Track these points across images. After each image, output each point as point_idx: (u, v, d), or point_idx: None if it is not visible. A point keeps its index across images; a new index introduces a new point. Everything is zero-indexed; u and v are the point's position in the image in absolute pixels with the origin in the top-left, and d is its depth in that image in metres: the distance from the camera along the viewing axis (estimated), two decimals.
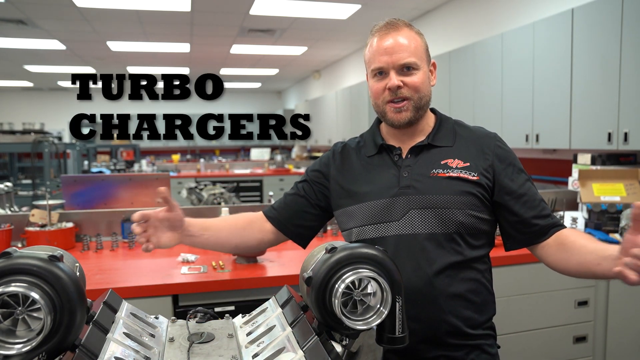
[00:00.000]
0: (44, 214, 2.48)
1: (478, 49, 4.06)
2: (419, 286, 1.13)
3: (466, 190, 1.16)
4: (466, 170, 1.17)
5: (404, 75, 1.18)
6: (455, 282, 1.15)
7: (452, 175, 1.17)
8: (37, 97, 12.15)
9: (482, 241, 1.20)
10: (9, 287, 0.69)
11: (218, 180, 7.22)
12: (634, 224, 0.92)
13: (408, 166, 1.21)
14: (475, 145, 1.22)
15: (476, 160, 1.19)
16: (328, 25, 6.08)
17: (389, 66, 1.18)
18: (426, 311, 1.14)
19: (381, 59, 1.18)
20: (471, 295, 1.17)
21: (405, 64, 1.17)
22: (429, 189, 1.17)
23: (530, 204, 1.18)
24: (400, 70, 1.18)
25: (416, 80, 1.18)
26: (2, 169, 7.43)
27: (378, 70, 1.20)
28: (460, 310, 1.15)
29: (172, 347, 0.87)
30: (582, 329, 2.48)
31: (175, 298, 1.94)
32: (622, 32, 2.75)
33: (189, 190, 4.09)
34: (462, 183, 1.16)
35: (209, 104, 13.58)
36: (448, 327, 1.15)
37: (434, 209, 1.15)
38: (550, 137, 3.34)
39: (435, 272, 1.14)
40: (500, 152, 1.21)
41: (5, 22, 5.58)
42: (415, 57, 1.18)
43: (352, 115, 7.19)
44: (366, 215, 1.21)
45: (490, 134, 1.25)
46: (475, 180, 1.17)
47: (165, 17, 5.50)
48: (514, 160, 1.22)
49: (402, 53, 1.17)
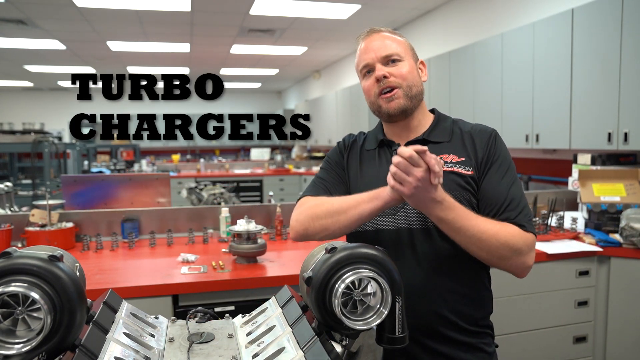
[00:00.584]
0: (44, 214, 2.48)
1: (478, 49, 4.07)
2: (414, 280, 1.14)
3: (460, 185, 1.16)
4: (460, 165, 1.18)
5: (390, 67, 1.21)
6: (450, 276, 1.16)
7: (447, 169, 1.16)
8: (37, 97, 12.15)
9: None
10: (9, 287, 0.69)
11: (218, 180, 7.22)
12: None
13: None
14: (470, 140, 1.22)
15: (470, 154, 1.20)
16: (328, 25, 6.08)
17: (374, 61, 1.22)
18: (421, 305, 1.15)
19: (366, 57, 1.24)
20: (467, 290, 1.18)
21: (388, 55, 1.21)
22: None
23: (492, 205, 1.14)
24: (386, 62, 1.22)
25: (402, 70, 1.21)
26: (2, 169, 7.43)
27: (365, 67, 1.24)
28: (455, 305, 1.16)
29: (172, 347, 0.87)
30: (582, 329, 2.48)
31: (175, 298, 1.94)
32: (622, 32, 2.75)
33: (189, 190, 4.09)
34: (457, 177, 1.17)
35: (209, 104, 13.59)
36: (443, 321, 1.15)
37: None
38: (550, 137, 3.34)
39: (430, 266, 1.15)
40: (492, 147, 1.20)
41: (5, 22, 5.59)
42: (398, 50, 1.22)
43: (352, 115, 7.19)
44: None
45: (487, 129, 1.25)
46: (470, 175, 1.17)
47: (165, 17, 5.50)
48: (503, 158, 1.19)
49: (385, 47, 1.22)
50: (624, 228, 2.42)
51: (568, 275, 2.43)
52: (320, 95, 9.28)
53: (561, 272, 2.41)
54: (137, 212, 2.74)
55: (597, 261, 2.47)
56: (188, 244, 2.60)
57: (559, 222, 2.73)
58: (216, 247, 2.51)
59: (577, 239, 2.59)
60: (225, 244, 2.55)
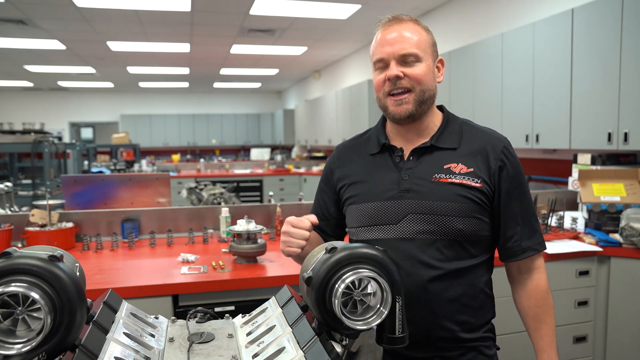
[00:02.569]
0: (44, 214, 2.48)
1: (478, 49, 4.06)
2: (414, 291, 1.11)
3: (468, 197, 1.12)
4: (469, 177, 1.14)
5: (406, 67, 1.14)
6: (451, 287, 1.13)
7: (455, 181, 1.13)
8: (37, 97, 12.15)
9: (482, 248, 1.18)
10: (9, 287, 0.69)
11: (218, 180, 7.23)
12: None
13: (409, 169, 1.17)
14: (481, 149, 1.17)
15: (480, 165, 1.15)
16: (328, 25, 6.08)
17: (389, 57, 1.14)
18: (421, 315, 1.12)
19: (382, 50, 1.15)
20: (467, 299, 1.15)
21: (406, 54, 1.13)
22: (429, 195, 1.13)
23: (513, 223, 1.18)
24: (402, 61, 1.14)
25: (418, 71, 1.13)
26: (2, 169, 7.43)
27: (379, 61, 1.16)
28: (455, 314, 1.14)
29: (172, 347, 0.87)
30: (582, 329, 2.48)
31: (175, 298, 1.94)
32: (622, 32, 2.75)
33: (189, 190, 4.09)
34: (464, 189, 1.13)
35: (209, 104, 13.60)
36: (443, 331, 1.13)
37: (433, 215, 1.12)
38: (550, 137, 3.34)
39: (431, 277, 1.12)
40: (506, 161, 1.16)
41: (5, 22, 5.58)
42: (417, 49, 1.14)
43: (352, 115, 7.19)
44: (363, 216, 1.20)
45: (499, 137, 1.20)
46: (478, 187, 1.13)
47: (165, 17, 5.50)
48: (518, 173, 1.18)
49: (403, 44, 1.13)
50: (624, 228, 2.42)
51: (568, 275, 2.43)
52: (320, 95, 9.28)
53: (561, 272, 2.40)
54: (137, 212, 2.74)
55: (597, 261, 2.47)
56: (188, 244, 2.60)
57: (559, 222, 2.73)
58: (216, 247, 2.51)
59: (577, 238, 2.59)
60: (225, 244, 2.55)
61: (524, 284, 1.23)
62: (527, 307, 1.22)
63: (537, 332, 1.21)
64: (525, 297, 1.22)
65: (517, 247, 1.19)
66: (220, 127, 12.87)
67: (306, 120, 9.69)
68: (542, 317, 1.21)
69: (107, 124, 12.99)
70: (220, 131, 12.89)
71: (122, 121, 12.34)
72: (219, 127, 12.87)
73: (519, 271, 1.23)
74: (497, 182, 1.16)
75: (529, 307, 1.22)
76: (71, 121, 12.46)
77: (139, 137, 11.86)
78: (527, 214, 1.19)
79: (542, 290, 1.22)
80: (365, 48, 7.48)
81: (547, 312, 1.22)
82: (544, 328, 1.21)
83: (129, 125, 12.18)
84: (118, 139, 9.29)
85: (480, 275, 1.18)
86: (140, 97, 12.82)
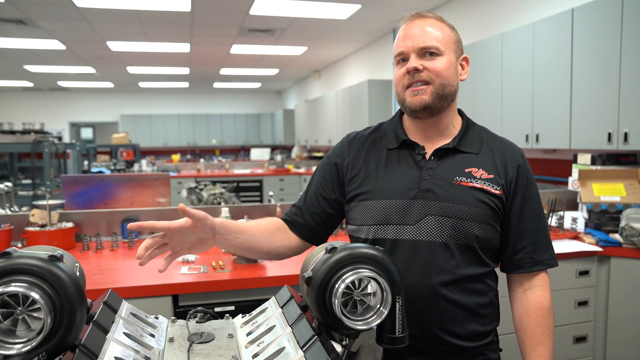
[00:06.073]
0: (44, 214, 2.48)
1: (478, 49, 4.06)
2: (426, 294, 1.09)
3: (486, 203, 1.11)
4: (489, 183, 1.12)
5: (425, 60, 1.11)
6: (463, 294, 1.11)
7: (476, 185, 1.11)
8: (37, 97, 12.16)
9: (491, 256, 1.17)
10: (9, 287, 0.69)
11: (218, 180, 7.23)
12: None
13: (430, 169, 1.14)
14: (500, 157, 1.16)
15: (500, 172, 1.14)
16: (328, 25, 6.08)
17: (409, 50, 1.11)
18: (428, 317, 1.10)
19: (404, 44, 1.12)
20: (478, 308, 1.13)
21: (426, 47, 1.10)
22: (449, 197, 1.11)
23: (526, 235, 1.16)
24: (422, 54, 1.11)
25: (438, 65, 1.10)
26: (2, 169, 7.43)
27: (400, 56, 1.13)
28: (463, 320, 1.12)
29: (172, 347, 0.87)
30: (582, 329, 2.48)
31: (175, 298, 1.94)
32: (622, 32, 2.75)
33: (189, 190, 4.09)
34: (484, 195, 1.11)
35: (209, 104, 13.60)
36: (449, 334, 1.11)
37: (451, 218, 1.10)
38: (550, 137, 3.34)
39: (444, 282, 1.09)
40: (523, 172, 1.16)
41: (5, 22, 5.58)
42: (439, 42, 1.11)
43: (352, 115, 7.19)
44: (381, 214, 1.14)
45: (517, 148, 1.20)
46: (497, 194, 1.12)
47: (165, 17, 5.50)
48: (532, 186, 1.18)
49: (425, 37, 1.11)
50: (624, 228, 2.42)
51: (568, 275, 2.43)
52: (320, 95, 9.28)
53: (561, 272, 2.40)
54: (137, 212, 2.74)
55: (597, 261, 2.47)
56: None
57: (559, 222, 2.73)
58: (216, 247, 2.51)
59: (577, 238, 2.60)
60: None
61: (526, 299, 1.18)
62: (526, 325, 1.17)
63: (533, 353, 1.15)
64: (526, 314, 1.17)
65: (528, 259, 1.16)
66: (220, 127, 12.88)
67: (306, 120, 9.70)
68: (541, 337, 1.16)
69: (107, 124, 13.00)
70: (220, 131, 12.89)
71: (122, 121, 12.34)
72: (218, 127, 12.87)
73: (522, 285, 1.19)
74: (513, 192, 1.15)
75: (528, 325, 1.17)
76: (71, 121, 12.46)
77: (139, 137, 11.85)
78: (541, 226, 1.17)
79: (545, 309, 1.17)
80: (366, 48, 7.48)
81: (547, 333, 1.16)
82: (541, 350, 1.15)
83: (129, 125, 12.18)
84: (118, 139, 9.29)
85: (490, 284, 1.17)
86: (140, 97, 12.82)
